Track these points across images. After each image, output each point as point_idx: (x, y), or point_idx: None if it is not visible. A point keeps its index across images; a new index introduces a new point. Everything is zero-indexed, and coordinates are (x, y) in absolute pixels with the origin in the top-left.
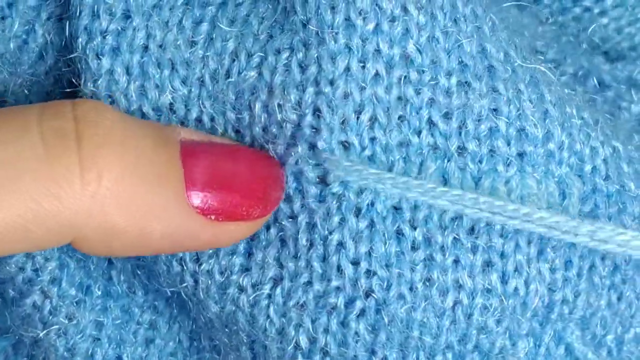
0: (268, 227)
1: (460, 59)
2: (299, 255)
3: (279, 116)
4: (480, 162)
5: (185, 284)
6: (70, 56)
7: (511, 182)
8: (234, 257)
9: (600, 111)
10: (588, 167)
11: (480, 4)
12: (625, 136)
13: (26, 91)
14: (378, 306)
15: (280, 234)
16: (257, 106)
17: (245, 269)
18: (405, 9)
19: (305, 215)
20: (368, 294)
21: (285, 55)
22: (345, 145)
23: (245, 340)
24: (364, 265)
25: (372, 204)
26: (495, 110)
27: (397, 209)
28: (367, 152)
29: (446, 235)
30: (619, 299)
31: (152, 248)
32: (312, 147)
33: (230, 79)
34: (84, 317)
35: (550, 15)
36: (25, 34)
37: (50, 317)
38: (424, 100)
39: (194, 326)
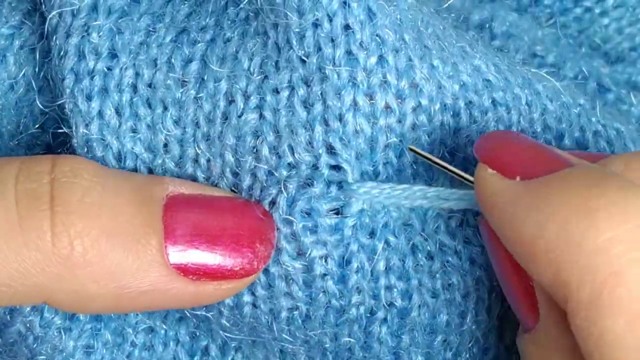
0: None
1: (461, 81)
2: (314, 285)
3: (290, 158)
4: None
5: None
6: (60, 102)
7: None
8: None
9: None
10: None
11: (451, 26)
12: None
13: None
14: (400, 314)
15: (286, 271)
16: (265, 150)
17: (253, 306)
18: (403, 40)
19: (320, 249)
20: (391, 304)
21: (285, 94)
22: (362, 176)
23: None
24: (382, 281)
25: (386, 225)
26: (497, 120)
27: (407, 225)
28: (382, 177)
29: (457, 241)
30: None
31: (130, 308)
32: (329, 184)
33: (228, 122)
34: (69, 345)
35: (551, 16)
36: None
37: (35, 347)
38: (436, 125)
39: (194, 342)
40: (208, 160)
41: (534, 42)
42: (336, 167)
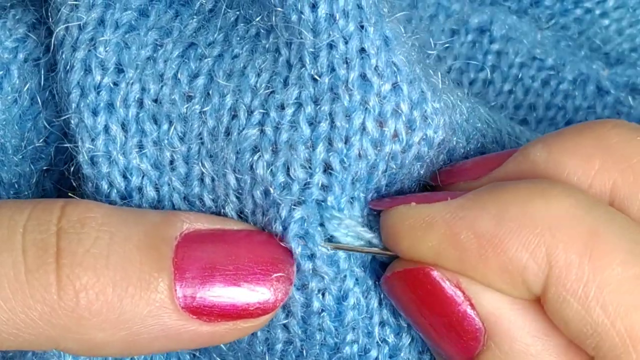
0: None
1: (464, 117)
2: (311, 321)
3: (282, 178)
4: None
5: None
6: (66, 116)
7: None
8: None
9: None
10: None
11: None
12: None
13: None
14: (391, 352)
15: (287, 302)
16: (260, 167)
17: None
18: (415, 71)
19: (319, 282)
20: (383, 340)
21: (290, 110)
22: (351, 201)
23: None
24: (376, 318)
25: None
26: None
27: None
28: (367, 210)
29: None
30: None
31: (143, 352)
32: (320, 203)
33: (230, 138)
34: None
35: (551, 17)
36: (0, 78)
37: None
38: (432, 156)
39: None
40: (213, 180)
41: (533, 45)
42: (326, 188)
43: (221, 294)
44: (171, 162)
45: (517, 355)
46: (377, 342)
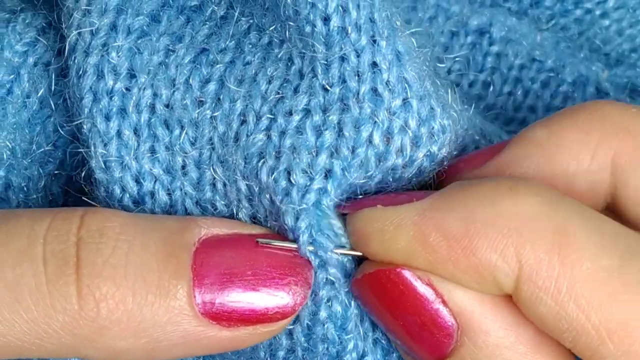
0: None
1: (464, 128)
2: (316, 330)
3: (283, 183)
4: None
5: None
6: (78, 121)
7: None
8: None
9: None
10: None
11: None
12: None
13: (9, 143)
14: (384, 354)
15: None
16: (264, 173)
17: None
18: (426, 87)
19: (329, 290)
20: (375, 342)
21: (297, 117)
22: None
23: None
24: (368, 320)
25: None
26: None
27: None
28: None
29: None
30: None
31: (163, 358)
32: (317, 206)
33: (238, 143)
34: None
35: (551, 18)
36: (11, 82)
37: None
38: (432, 170)
39: None
40: (224, 185)
41: (533, 47)
42: (322, 191)
43: (240, 299)
44: (183, 167)
45: (491, 348)
46: (371, 344)
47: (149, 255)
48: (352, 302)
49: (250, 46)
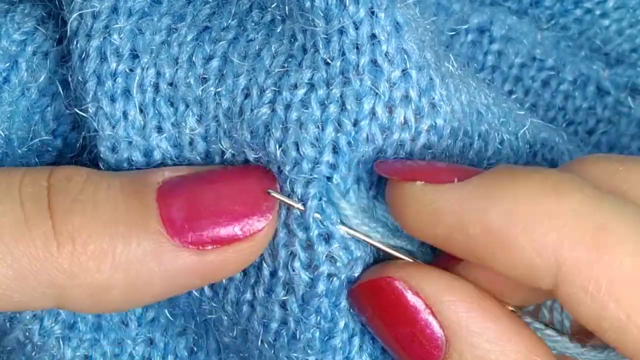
0: (272, 273)
1: (463, 109)
2: (311, 303)
3: (294, 154)
4: None
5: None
6: (85, 105)
7: None
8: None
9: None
10: None
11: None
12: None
13: (2, 132)
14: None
15: (290, 279)
16: (272, 144)
17: (251, 306)
18: (425, 58)
19: (330, 266)
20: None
21: (302, 91)
22: (357, 184)
23: None
24: None
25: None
26: (476, 153)
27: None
28: (373, 192)
29: None
30: None
31: (147, 296)
32: (329, 180)
33: (243, 117)
34: (67, 354)
35: (551, 18)
36: (7, 70)
37: (33, 355)
38: (442, 147)
39: (193, 356)
40: (233, 155)
41: (533, 46)
42: (333, 166)
43: (209, 222)
44: (190, 142)
45: None
46: (360, 326)
47: (115, 192)
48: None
49: (253, 24)
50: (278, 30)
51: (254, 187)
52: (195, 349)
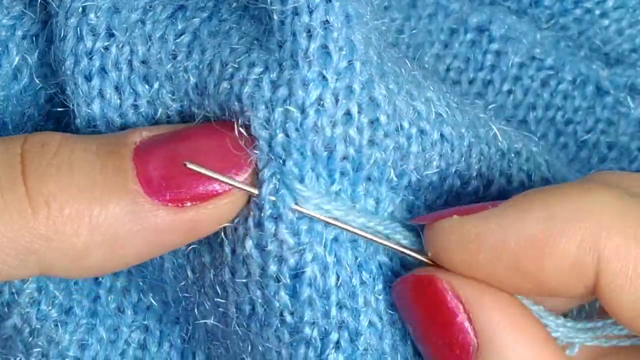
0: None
1: (415, 109)
2: (269, 286)
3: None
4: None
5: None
6: (56, 80)
7: None
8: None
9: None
10: None
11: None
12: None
13: None
14: (352, 336)
15: (247, 257)
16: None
17: (232, 287)
18: (368, 54)
19: (276, 246)
20: (342, 323)
21: (258, 70)
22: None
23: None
24: (333, 298)
25: (336, 238)
26: (441, 155)
27: (353, 241)
28: (336, 187)
29: (394, 263)
30: None
31: (130, 257)
32: (284, 162)
33: (208, 92)
34: (65, 339)
35: (551, 17)
36: None
37: (31, 340)
38: (388, 145)
39: (186, 344)
40: None
41: (532, 45)
42: (286, 151)
43: (185, 179)
44: (167, 119)
45: None
46: (337, 325)
47: (91, 154)
48: (305, 270)
49: (228, 6)
50: (250, 15)
51: (231, 142)
52: (186, 337)
